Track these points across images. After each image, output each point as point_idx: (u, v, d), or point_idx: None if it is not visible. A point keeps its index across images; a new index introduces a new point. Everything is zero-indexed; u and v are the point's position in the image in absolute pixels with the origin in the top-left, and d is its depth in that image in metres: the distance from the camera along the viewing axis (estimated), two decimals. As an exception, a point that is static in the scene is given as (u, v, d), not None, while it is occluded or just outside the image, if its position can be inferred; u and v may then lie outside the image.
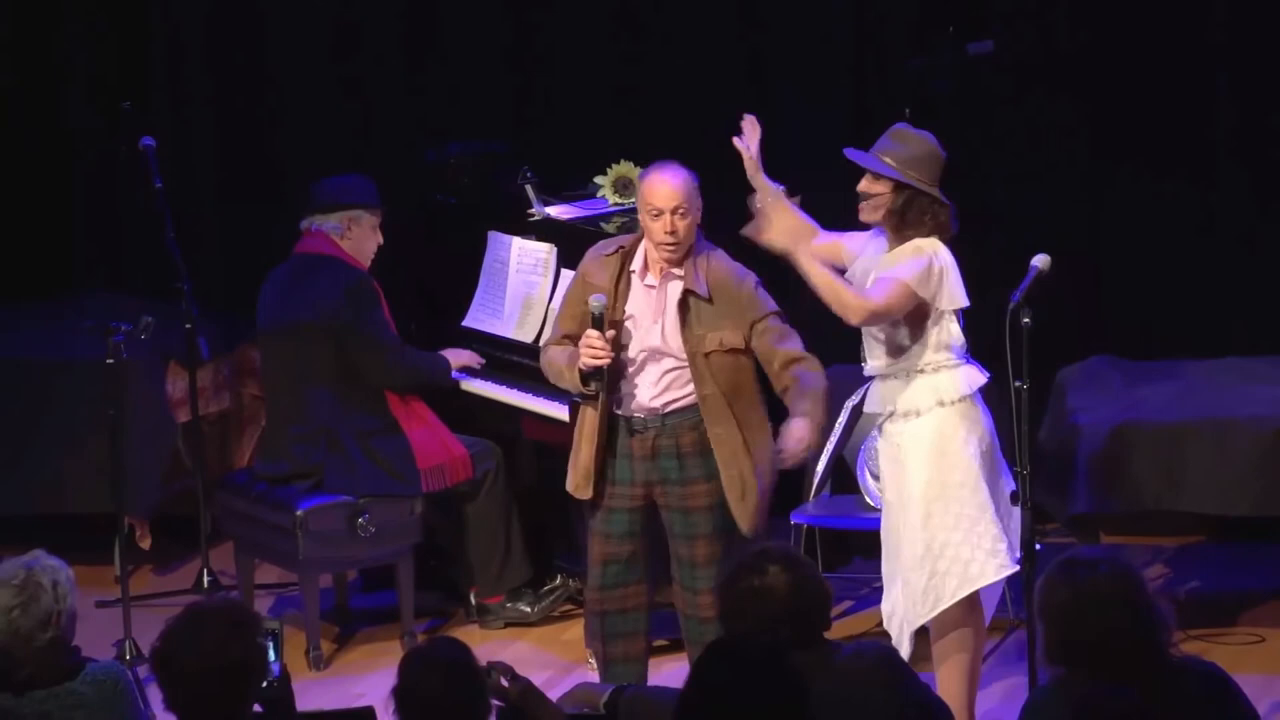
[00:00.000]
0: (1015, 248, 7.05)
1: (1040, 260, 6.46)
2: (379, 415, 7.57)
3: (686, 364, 6.57)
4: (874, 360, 6.58)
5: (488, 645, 7.51)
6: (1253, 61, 8.35)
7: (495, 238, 7.97)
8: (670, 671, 6.96)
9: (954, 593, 6.44)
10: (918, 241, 6.43)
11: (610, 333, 6.48)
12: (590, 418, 6.64)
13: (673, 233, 6.48)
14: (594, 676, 6.84)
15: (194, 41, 9.20)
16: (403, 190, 8.26)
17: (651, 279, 6.59)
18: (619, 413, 6.62)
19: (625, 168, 8.03)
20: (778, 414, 6.74)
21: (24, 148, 9.36)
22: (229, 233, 9.15)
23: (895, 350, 6.51)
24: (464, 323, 7.98)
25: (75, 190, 9.34)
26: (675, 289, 6.56)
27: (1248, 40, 8.34)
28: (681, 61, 8.77)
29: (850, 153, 6.56)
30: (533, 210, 7.96)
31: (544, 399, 7.47)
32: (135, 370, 7.96)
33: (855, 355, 8.01)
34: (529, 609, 7.84)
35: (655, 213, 6.50)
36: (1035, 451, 6.75)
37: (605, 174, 7.99)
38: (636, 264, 6.60)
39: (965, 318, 6.53)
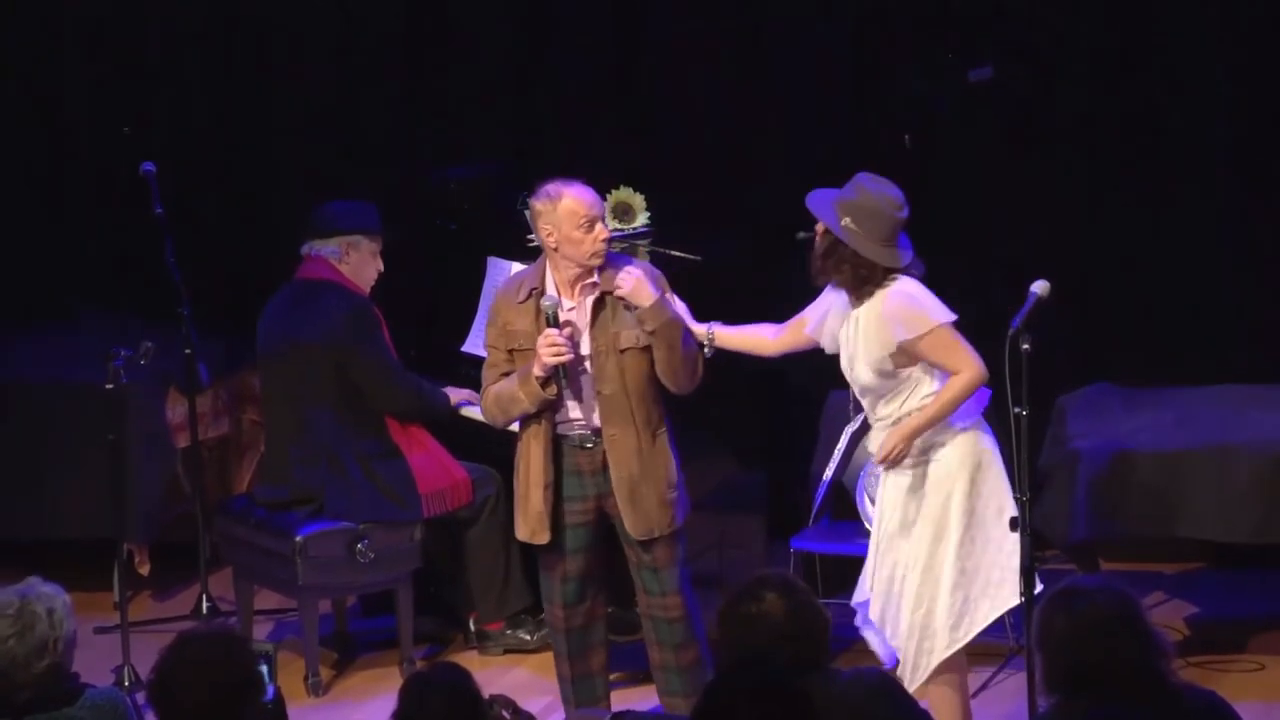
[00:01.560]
0: (1015, 274, 7.04)
1: (1040, 286, 6.46)
2: (380, 439, 7.57)
3: None
4: (882, 410, 6.56)
5: (487, 672, 7.50)
6: (1253, 90, 8.36)
7: (494, 263, 7.97)
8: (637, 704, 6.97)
9: (986, 616, 6.48)
10: (874, 301, 6.44)
11: (567, 329, 6.52)
12: (535, 459, 6.69)
13: (605, 240, 6.61)
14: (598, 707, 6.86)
15: (193, 65, 9.21)
16: (402, 214, 8.27)
17: (568, 301, 6.63)
18: (563, 434, 6.68)
19: (625, 193, 8.04)
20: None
21: (25, 170, 9.38)
22: (229, 257, 9.15)
23: (896, 395, 6.52)
24: (463, 348, 7.97)
25: (76, 214, 9.36)
26: (589, 298, 6.65)
27: (1249, 68, 8.36)
28: (681, 86, 8.78)
29: (810, 198, 6.60)
30: (531, 235, 7.96)
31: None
32: (135, 395, 7.96)
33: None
34: (528, 636, 7.83)
35: (588, 223, 6.58)
36: (1035, 478, 6.74)
37: (605, 199, 7.99)
38: (549, 288, 6.65)
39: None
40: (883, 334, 6.43)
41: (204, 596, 8.06)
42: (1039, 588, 6.24)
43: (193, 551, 8.13)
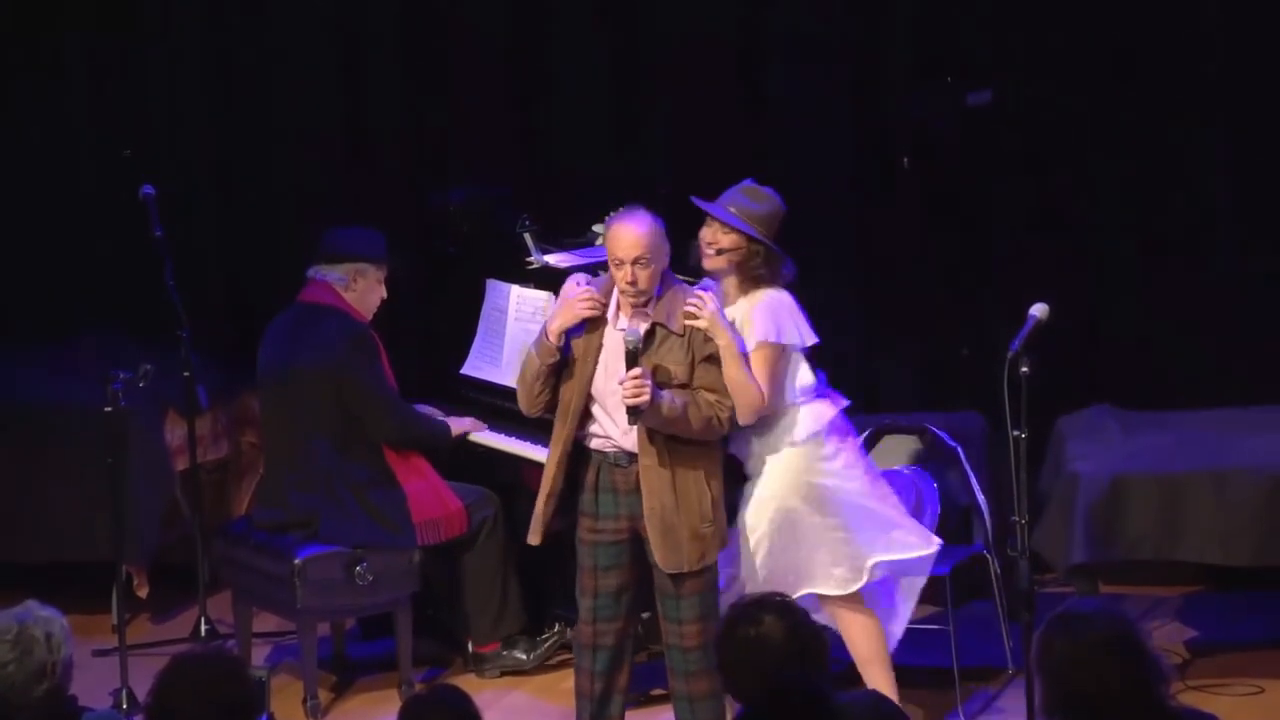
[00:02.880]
0: (1014, 297, 7.06)
1: (1039, 309, 6.47)
2: (375, 467, 7.56)
3: None
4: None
5: (484, 694, 7.49)
6: (1250, 111, 8.38)
7: (494, 285, 7.98)
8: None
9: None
10: (754, 296, 6.70)
11: (646, 368, 6.52)
12: (549, 466, 6.71)
13: (633, 282, 6.56)
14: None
15: (194, 89, 9.23)
16: (403, 237, 8.28)
17: (623, 322, 6.62)
18: (598, 449, 6.66)
19: (625, 217, 8.03)
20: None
21: (25, 193, 9.39)
22: (228, 280, 9.16)
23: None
24: (462, 370, 7.98)
25: (76, 236, 9.37)
26: (641, 326, 6.62)
27: (1244, 89, 8.37)
28: (682, 108, 8.79)
29: (701, 202, 6.78)
30: (531, 258, 7.97)
31: (542, 446, 7.46)
32: (134, 418, 7.95)
33: (853, 404, 8.03)
34: (525, 657, 7.83)
35: (618, 262, 6.58)
36: (1034, 501, 6.74)
37: (604, 222, 7.99)
38: (610, 308, 6.64)
39: (956, 366, 6.56)
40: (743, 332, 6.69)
41: (203, 619, 8.05)
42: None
43: (192, 574, 8.13)
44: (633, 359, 6.49)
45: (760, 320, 6.71)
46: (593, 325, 6.63)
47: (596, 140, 8.91)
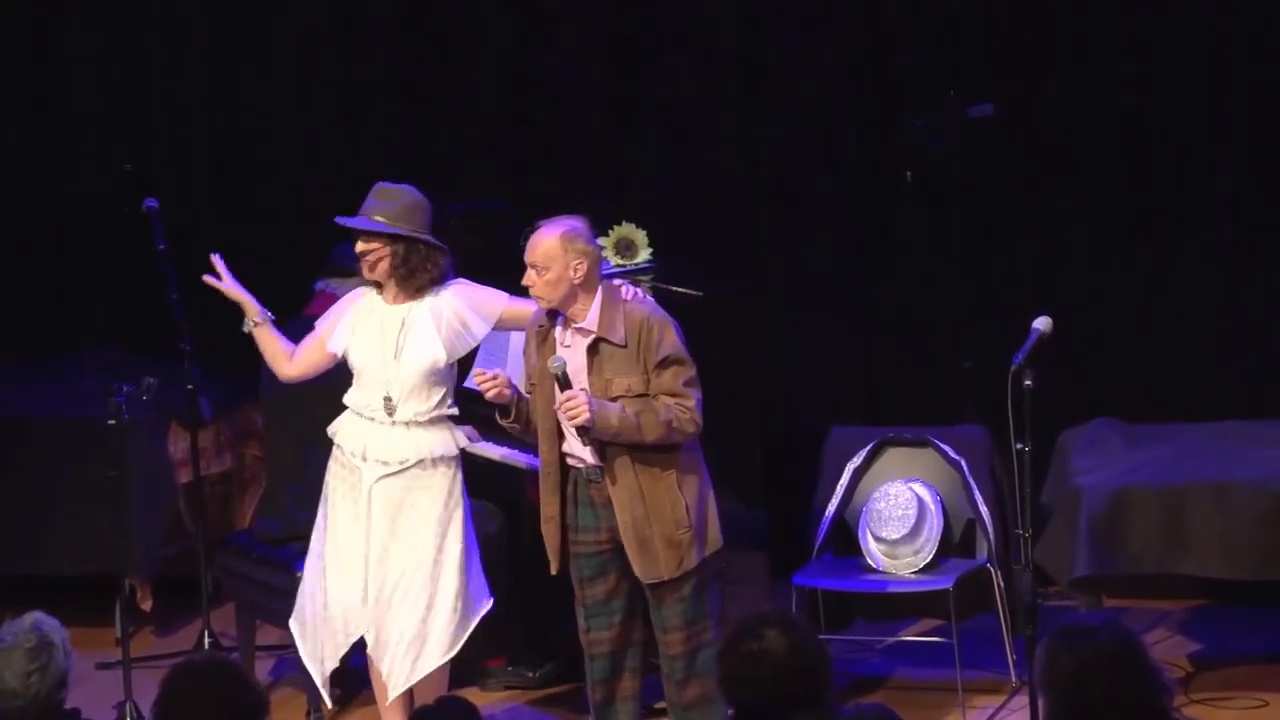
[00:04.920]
0: (1017, 309, 7.06)
1: (1042, 323, 6.47)
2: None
3: None
4: (415, 406, 6.84)
5: (488, 708, 7.48)
6: (1253, 124, 8.38)
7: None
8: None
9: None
10: (453, 284, 6.89)
11: (581, 388, 6.52)
12: (544, 492, 6.74)
13: (530, 285, 6.64)
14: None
15: (195, 101, 9.24)
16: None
17: (568, 338, 6.65)
18: (572, 464, 6.68)
19: (627, 229, 8.05)
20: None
21: (28, 206, 9.41)
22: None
23: (437, 388, 6.89)
24: (465, 384, 7.97)
25: (78, 250, 9.38)
26: (584, 341, 6.62)
27: (1248, 102, 8.37)
28: (683, 124, 8.80)
29: (340, 220, 6.90)
30: (535, 271, 7.96)
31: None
32: (137, 431, 7.95)
33: (855, 417, 8.05)
34: (531, 673, 7.82)
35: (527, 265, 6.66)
36: (1037, 514, 6.74)
37: (608, 235, 8.00)
38: (558, 329, 6.68)
39: (962, 377, 6.55)
40: (473, 325, 6.84)
41: (206, 632, 8.04)
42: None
43: (195, 587, 8.12)
44: (563, 383, 6.51)
45: (484, 306, 6.92)
46: (544, 348, 6.66)
47: (598, 152, 8.91)
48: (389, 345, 6.84)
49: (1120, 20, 8.43)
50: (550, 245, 6.59)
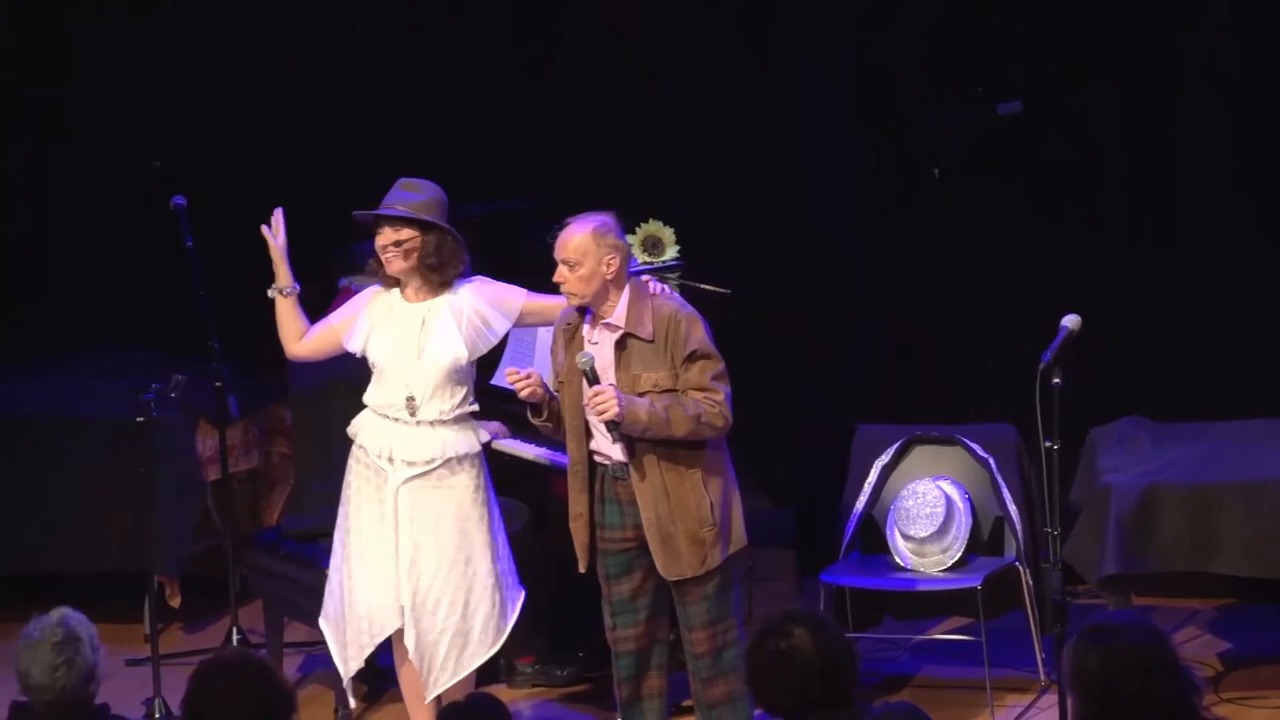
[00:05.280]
0: (1045, 307, 7.04)
1: (1070, 320, 6.46)
2: (403, 476, 7.56)
3: None
4: (438, 405, 6.83)
5: (516, 705, 7.49)
6: (1270, 126, 8.37)
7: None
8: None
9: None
10: (474, 280, 6.90)
11: (609, 384, 6.52)
12: (572, 489, 6.73)
13: (561, 282, 6.62)
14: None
15: (219, 97, 9.27)
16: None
17: (596, 334, 6.64)
18: (599, 461, 6.68)
19: (654, 226, 8.04)
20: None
21: (57, 205, 9.43)
22: (259, 291, 9.17)
23: (458, 388, 6.87)
24: (492, 381, 7.98)
25: (105, 247, 9.41)
26: (611, 336, 6.63)
27: (1262, 103, 8.36)
28: (707, 122, 8.80)
29: (362, 213, 6.90)
30: (562, 269, 7.97)
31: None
32: (166, 428, 7.97)
33: (883, 415, 8.03)
34: (559, 670, 7.82)
35: (558, 264, 6.63)
36: (1066, 512, 6.73)
37: (634, 232, 8.00)
38: (585, 327, 6.68)
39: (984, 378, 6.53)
40: (494, 322, 6.84)
41: (234, 629, 8.06)
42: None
43: (223, 584, 8.14)
44: (592, 378, 6.51)
45: (505, 303, 6.92)
46: (572, 346, 6.66)
47: (623, 149, 8.91)
48: (410, 344, 6.83)
49: (1145, 16, 8.41)
50: (582, 240, 6.59)
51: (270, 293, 7.04)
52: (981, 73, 8.53)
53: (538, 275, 7.86)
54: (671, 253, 8.08)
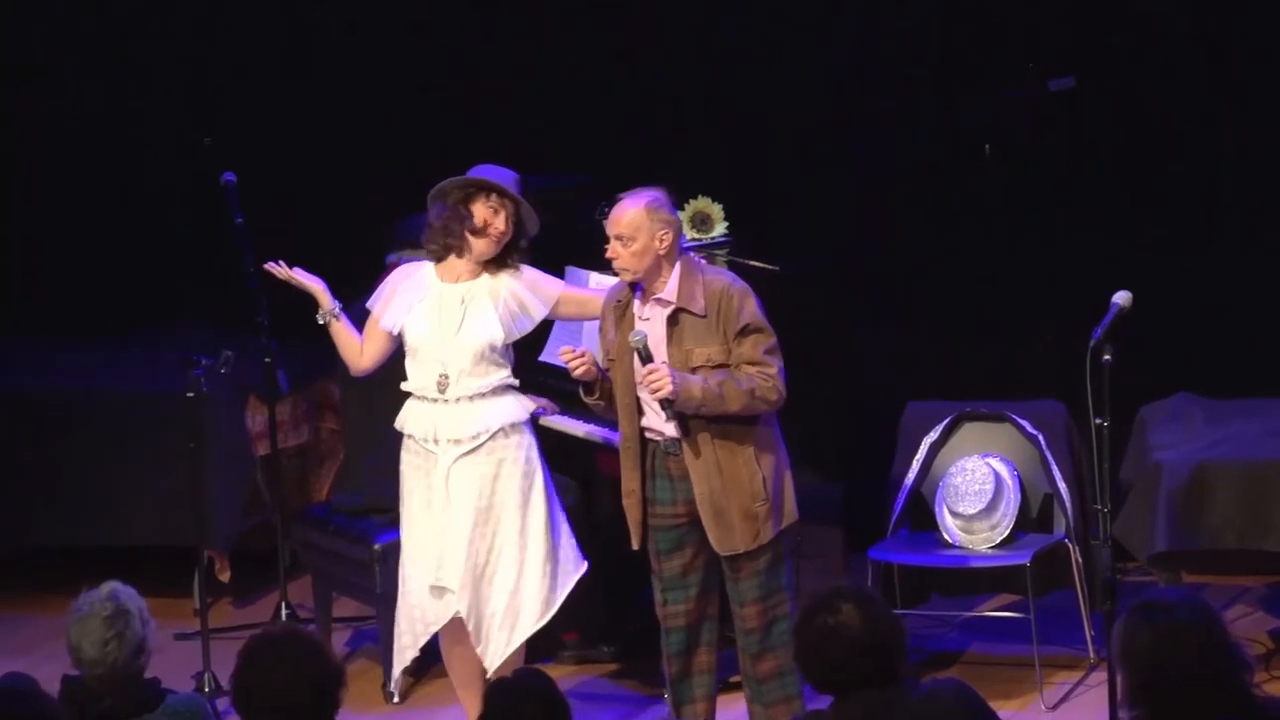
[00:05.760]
0: (1097, 284, 7.01)
1: (1122, 297, 6.43)
2: (455, 451, 7.56)
3: None
4: (476, 381, 6.80)
5: (564, 681, 7.49)
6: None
7: (573, 272, 7.97)
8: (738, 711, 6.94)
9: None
10: (526, 273, 6.91)
11: (662, 361, 6.51)
12: (624, 467, 6.74)
13: (614, 258, 6.60)
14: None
15: (272, 71, 9.28)
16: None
17: (647, 311, 6.63)
18: (651, 438, 6.68)
19: (704, 203, 8.03)
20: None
21: (107, 181, 9.47)
22: (310, 266, 9.19)
23: (494, 366, 6.85)
24: (541, 357, 7.98)
25: (155, 223, 9.44)
26: (663, 312, 6.61)
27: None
28: (762, 99, 8.78)
29: (488, 173, 6.88)
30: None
31: (616, 431, 7.46)
32: (216, 404, 7.99)
33: (930, 392, 8.01)
34: (607, 647, 7.83)
35: (609, 238, 6.61)
36: (1116, 489, 6.70)
37: (683, 209, 7.99)
38: (635, 303, 6.66)
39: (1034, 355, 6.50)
40: (531, 307, 6.83)
41: (283, 604, 8.09)
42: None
43: (272, 559, 8.17)
44: (645, 356, 6.50)
45: (544, 288, 6.91)
46: (623, 323, 6.65)
47: (676, 127, 8.90)
48: (448, 322, 6.80)
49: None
50: (636, 216, 6.58)
51: (320, 319, 7.00)
52: (1034, 49, 8.49)
53: (594, 250, 7.89)
54: (720, 229, 8.06)
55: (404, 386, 6.90)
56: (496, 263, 6.84)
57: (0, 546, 8.61)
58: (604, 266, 7.86)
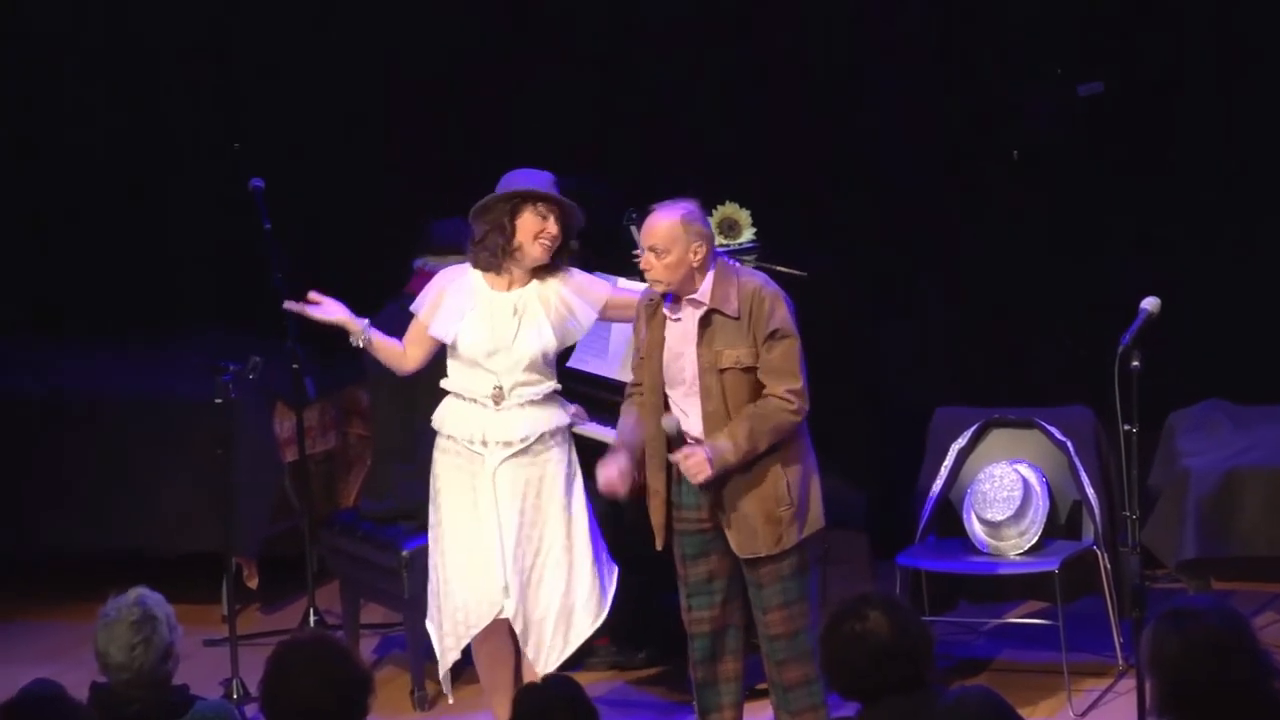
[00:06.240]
0: (1125, 290, 7.00)
1: (1150, 303, 6.41)
2: (484, 456, 7.57)
3: None
4: (528, 391, 6.82)
5: (592, 687, 7.48)
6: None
7: (601, 278, 7.97)
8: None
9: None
10: (577, 277, 6.94)
11: (695, 446, 6.54)
12: (650, 469, 6.73)
13: (648, 269, 6.60)
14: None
15: (298, 73, 9.30)
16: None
17: (680, 310, 6.64)
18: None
19: (731, 209, 8.02)
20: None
21: (133, 186, 9.50)
22: (336, 272, 9.21)
23: (544, 376, 6.87)
24: (568, 364, 7.97)
25: (183, 229, 9.47)
26: (695, 312, 6.63)
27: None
28: (785, 102, 8.78)
29: (539, 182, 6.85)
30: (637, 251, 7.95)
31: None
32: (244, 410, 8.01)
33: (960, 398, 7.99)
34: (636, 653, 7.82)
35: (642, 250, 6.62)
36: (1145, 496, 6.69)
37: (711, 214, 7.98)
38: (666, 303, 6.67)
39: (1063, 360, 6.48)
40: (580, 313, 6.84)
41: (311, 610, 8.10)
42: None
43: (300, 565, 8.18)
44: (676, 441, 6.53)
45: (590, 291, 6.91)
46: (654, 322, 6.65)
47: (703, 133, 8.90)
48: (502, 334, 6.80)
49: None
50: (672, 228, 6.58)
51: (354, 343, 6.99)
52: (1064, 53, 8.48)
53: (615, 255, 7.90)
54: (748, 235, 8.06)
55: (447, 386, 6.89)
56: (546, 267, 6.84)
57: (28, 553, 8.63)
58: (631, 272, 7.89)
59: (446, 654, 6.91)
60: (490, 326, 6.80)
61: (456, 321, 6.83)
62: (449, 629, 6.88)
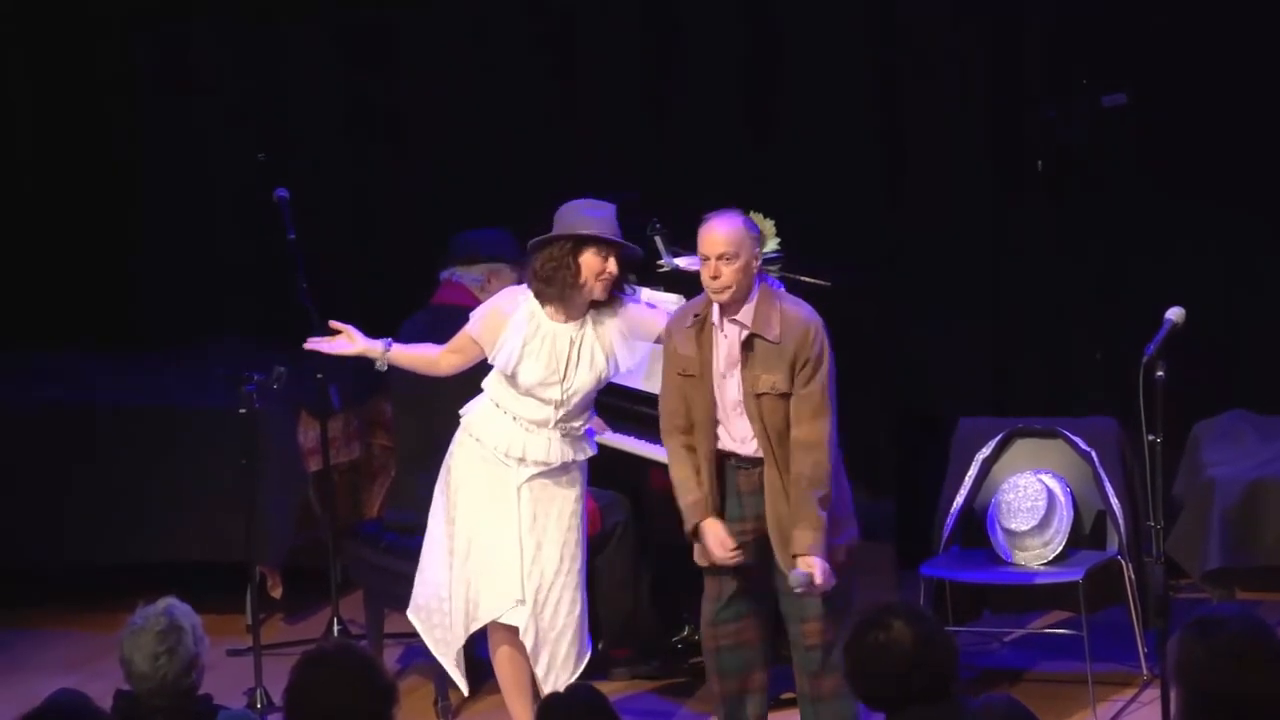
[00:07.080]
0: (1149, 300, 7.00)
1: (1174, 313, 6.41)
2: (510, 466, 7.58)
3: None
4: (575, 420, 6.88)
5: (616, 697, 7.48)
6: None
7: (636, 300, 7.98)
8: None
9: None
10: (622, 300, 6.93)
11: (804, 563, 6.54)
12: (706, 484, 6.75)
13: (716, 277, 6.58)
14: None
15: (329, 87, 9.32)
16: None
17: (725, 326, 6.67)
18: (724, 449, 6.70)
19: (755, 218, 8.01)
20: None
21: (161, 198, 9.52)
22: (361, 282, 9.23)
23: (589, 405, 6.91)
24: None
25: (209, 239, 9.49)
26: (737, 333, 6.63)
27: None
28: (812, 114, 8.78)
29: (599, 229, 6.81)
30: (662, 261, 7.97)
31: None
32: (268, 420, 8.02)
33: (984, 408, 7.98)
34: (657, 662, 7.82)
35: (704, 259, 6.62)
36: (1169, 506, 6.68)
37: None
38: (715, 318, 6.66)
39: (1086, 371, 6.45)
40: (636, 347, 6.86)
41: (335, 620, 8.10)
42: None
43: (324, 575, 8.18)
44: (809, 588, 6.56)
45: (644, 324, 6.92)
46: (703, 336, 6.65)
47: (727, 143, 8.90)
48: (559, 368, 6.83)
49: (1252, 7, 8.33)
50: (737, 233, 6.61)
51: (379, 368, 7.03)
52: (1092, 64, 8.47)
53: (640, 266, 7.90)
54: (772, 244, 8.05)
55: (500, 402, 6.89)
56: (602, 300, 6.86)
57: (54, 563, 8.65)
58: (655, 282, 7.89)
59: (452, 644, 6.96)
60: (547, 360, 6.83)
61: (516, 352, 6.84)
62: (457, 619, 6.92)
